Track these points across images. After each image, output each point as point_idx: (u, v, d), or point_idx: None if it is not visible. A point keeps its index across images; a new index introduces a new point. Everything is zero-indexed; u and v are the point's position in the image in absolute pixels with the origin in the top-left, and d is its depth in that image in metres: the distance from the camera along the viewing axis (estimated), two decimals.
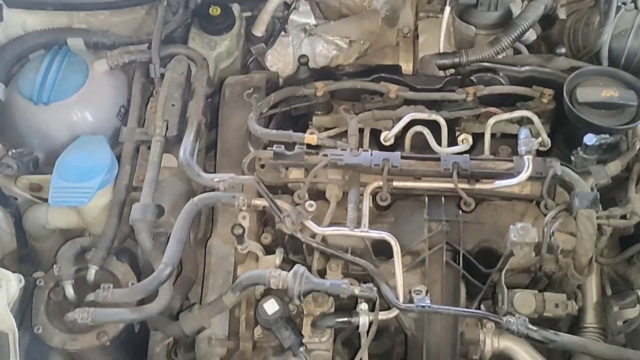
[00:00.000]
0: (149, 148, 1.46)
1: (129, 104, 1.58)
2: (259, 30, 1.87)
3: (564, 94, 1.43)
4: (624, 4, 1.61)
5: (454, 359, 1.33)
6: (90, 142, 1.48)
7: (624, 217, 1.39)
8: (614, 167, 1.40)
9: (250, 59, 1.88)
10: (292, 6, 1.89)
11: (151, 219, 1.36)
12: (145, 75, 1.61)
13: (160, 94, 1.51)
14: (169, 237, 1.32)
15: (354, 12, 2.00)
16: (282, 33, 1.92)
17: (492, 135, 1.48)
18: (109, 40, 1.62)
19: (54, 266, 1.35)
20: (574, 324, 1.44)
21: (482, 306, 1.37)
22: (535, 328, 1.22)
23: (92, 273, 1.36)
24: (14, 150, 1.46)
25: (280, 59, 1.94)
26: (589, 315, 1.43)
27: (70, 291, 1.33)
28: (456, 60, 1.61)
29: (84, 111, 1.53)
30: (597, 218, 1.30)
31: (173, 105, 1.49)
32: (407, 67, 1.80)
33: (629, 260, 1.50)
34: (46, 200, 1.42)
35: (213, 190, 1.37)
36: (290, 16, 1.91)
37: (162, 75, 1.55)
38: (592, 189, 1.34)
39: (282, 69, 1.91)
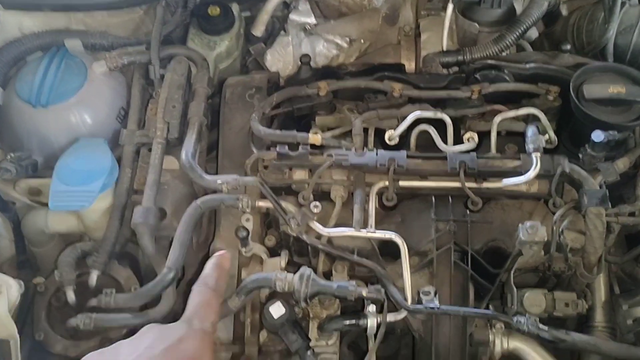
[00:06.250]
0: (149, 150, 1.44)
1: (128, 106, 1.55)
2: (258, 30, 1.84)
3: (571, 90, 1.41)
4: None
5: None
6: (90, 144, 1.46)
7: (632, 214, 1.37)
8: (622, 164, 1.38)
9: (250, 59, 1.86)
10: (291, 5, 1.87)
11: (153, 223, 1.34)
12: (145, 77, 1.58)
13: (160, 95, 1.48)
14: (171, 241, 1.29)
15: (353, 10, 1.97)
16: (282, 32, 1.90)
17: (498, 133, 1.46)
18: (107, 42, 1.59)
19: (55, 271, 1.32)
20: (583, 323, 1.43)
21: (490, 307, 1.35)
22: (546, 328, 1.20)
23: (93, 278, 1.33)
24: (12, 154, 1.43)
25: (279, 59, 1.91)
26: (598, 314, 1.41)
27: (71, 296, 1.31)
28: (460, 58, 1.59)
29: (83, 113, 1.50)
30: (606, 216, 1.29)
31: (174, 106, 1.47)
32: (409, 66, 1.78)
33: (637, 259, 1.49)
34: (46, 204, 1.38)
35: (216, 192, 1.35)
36: (290, 15, 1.89)
37: (162, 77, 1.53)
38: (600, 187, 1.32)
39: (282, 69, 1.88)
